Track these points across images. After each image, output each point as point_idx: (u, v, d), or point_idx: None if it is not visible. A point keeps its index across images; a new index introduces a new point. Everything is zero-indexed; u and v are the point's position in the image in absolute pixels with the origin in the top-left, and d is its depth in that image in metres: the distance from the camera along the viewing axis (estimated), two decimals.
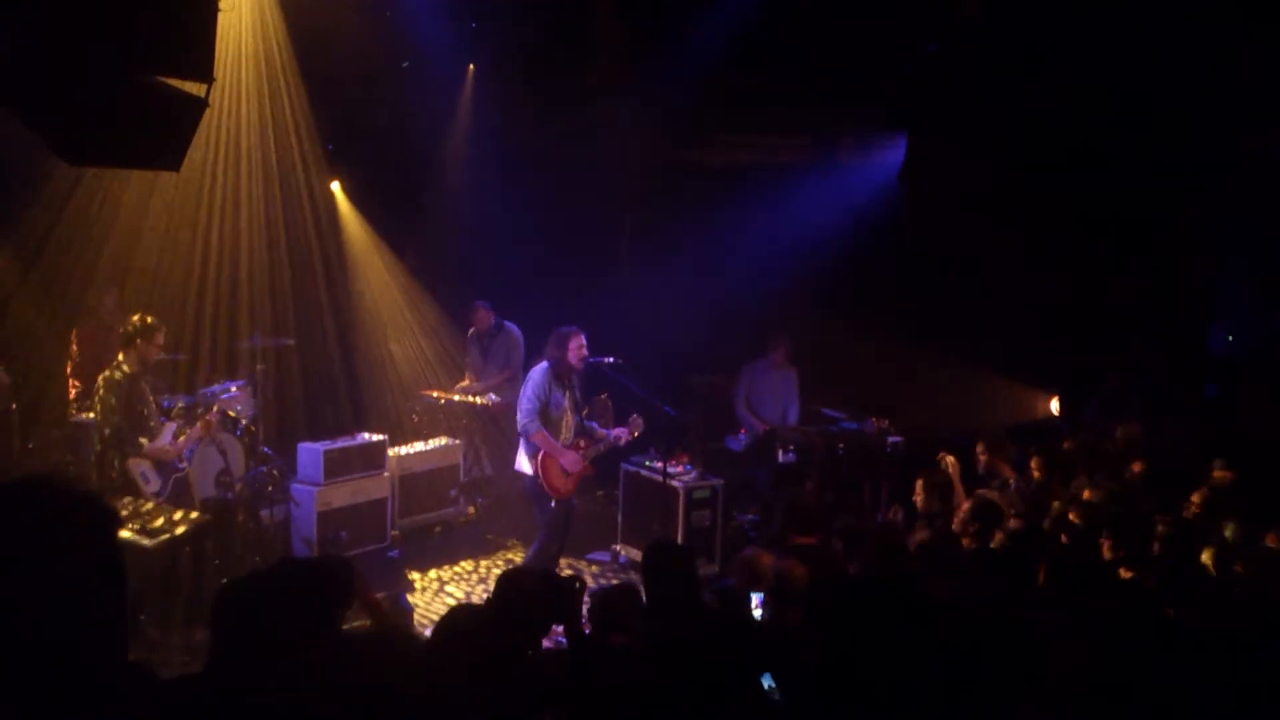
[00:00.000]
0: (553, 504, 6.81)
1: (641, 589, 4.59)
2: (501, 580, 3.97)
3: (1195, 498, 5.91)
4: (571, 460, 6.78)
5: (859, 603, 2.41)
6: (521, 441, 6.90)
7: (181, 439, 6.42)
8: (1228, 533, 5.33)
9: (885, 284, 10.29)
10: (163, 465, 6.30)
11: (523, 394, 6.84)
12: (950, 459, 6.44)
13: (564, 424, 6.87)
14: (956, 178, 9.94)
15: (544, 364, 6.84)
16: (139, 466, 6.16)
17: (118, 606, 1.37)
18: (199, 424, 6.59)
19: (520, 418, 6.79)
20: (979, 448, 6.66)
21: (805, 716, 2.85)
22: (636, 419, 7.14)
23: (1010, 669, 2.60)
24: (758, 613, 4.35)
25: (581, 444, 6.94)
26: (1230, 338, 10.30)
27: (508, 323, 9.19)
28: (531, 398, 6.74)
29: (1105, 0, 8.21)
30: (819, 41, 9.06)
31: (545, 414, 6.73)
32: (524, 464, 6.89)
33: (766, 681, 3.18)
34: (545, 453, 6.72)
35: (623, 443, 7.22)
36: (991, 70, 9.11)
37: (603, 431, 7.20)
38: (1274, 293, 9.62)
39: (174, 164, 4.95)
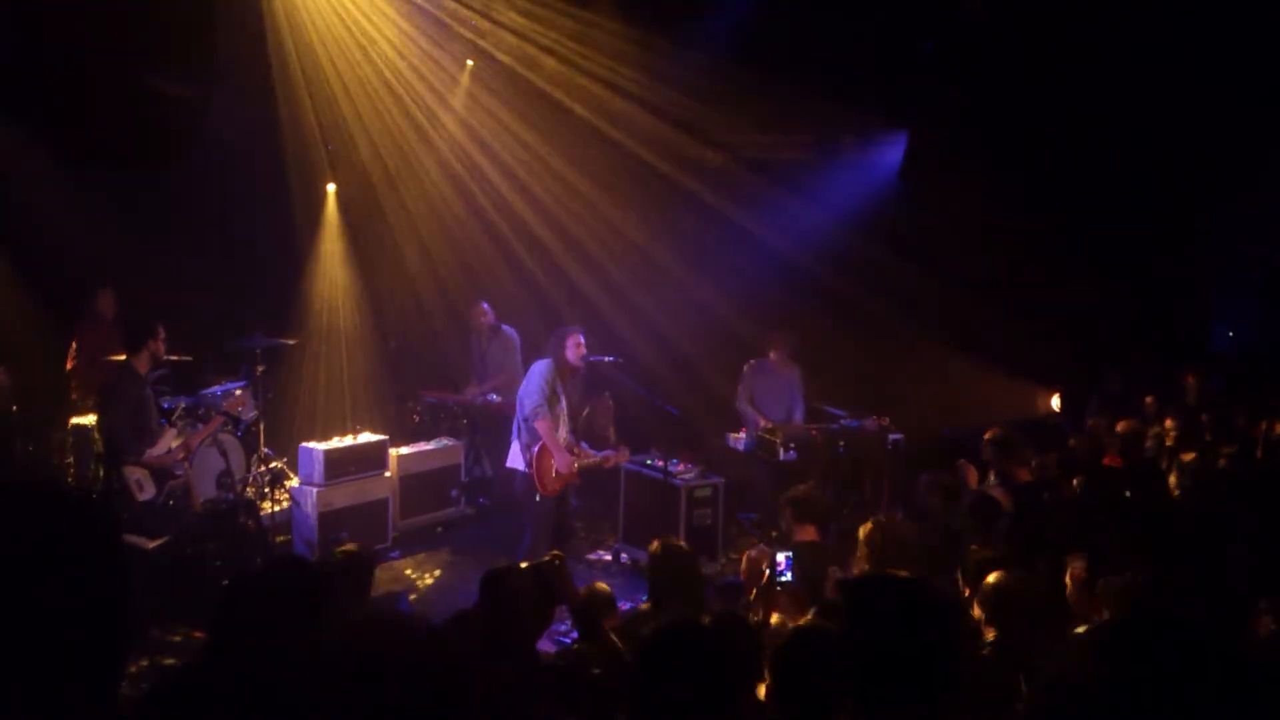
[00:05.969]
0: (538, 499, 6.73)
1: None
2: (485, 582, 3.75)
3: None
4: (565, 461, 6.75)
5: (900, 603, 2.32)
6: (517, 436, 6.81)
7: (177, 444, 6.40)
8: None
9: (886, 281, 10.28)
10: (159, 472, 6.29)
11: (528, 384, 6.74)
12: (970, 468, 6.43)
13: (561, 421, 6.83)
14: (957, 175, 9.93)
15: (547, 359, 6.80)
16: (134, 474, 6.14)
17: (120, 611, 1.37)
18: (206, 426, 6.63)
19: (527, 404, 6.67)
20: (987, 452, 6.60)
21: (812, 716, 2.85)
22: (624, 450, 7.22)
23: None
24: (787, 576, 4.26)
25: (577, 450, 6.94)
26: (1230, 334, 10.30)
27: (505, 325, 9.17)
28: (541, 386, 6.66)
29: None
30: (820, 39, 9.05)
31: (551, 406, 6.70)
32: (516, 459, 6.81)
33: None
34: (542, 446, 6.68)
35: (609, 464, 7.20)
36: (992, 68, 9.10)
37: (591, 452, 7.18)
38: (1274, 290, 9.62)
39: (175, 165, 4.98)
